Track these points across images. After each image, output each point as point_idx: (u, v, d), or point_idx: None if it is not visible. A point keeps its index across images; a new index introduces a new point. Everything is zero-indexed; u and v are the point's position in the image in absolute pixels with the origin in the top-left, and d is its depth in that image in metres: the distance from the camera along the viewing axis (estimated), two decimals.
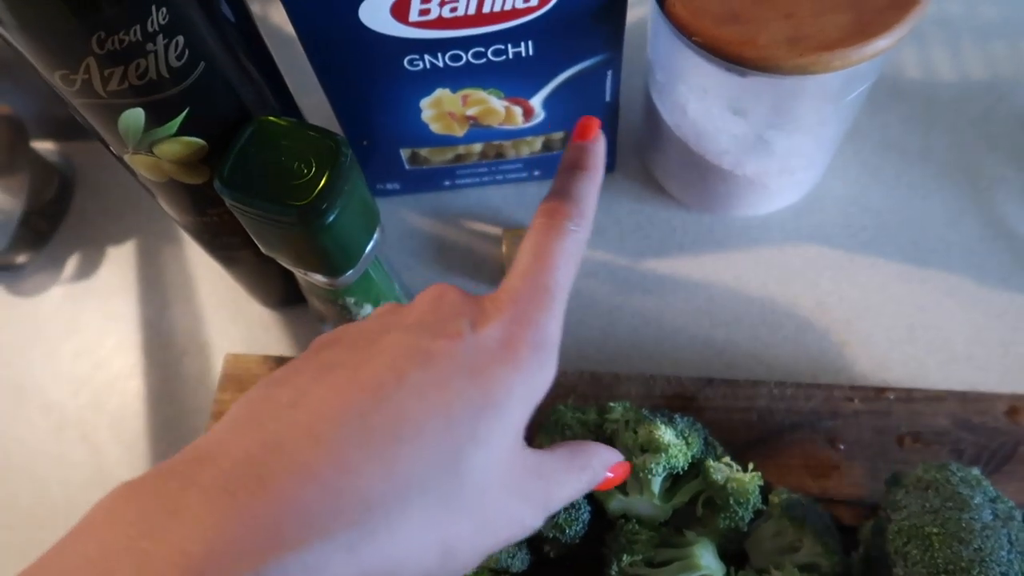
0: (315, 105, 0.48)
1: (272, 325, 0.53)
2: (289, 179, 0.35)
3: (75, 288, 0.56)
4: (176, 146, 0.36)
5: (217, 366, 0.52)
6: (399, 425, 0.22)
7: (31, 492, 0.50)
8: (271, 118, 0.36)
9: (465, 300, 0.26)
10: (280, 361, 0.49)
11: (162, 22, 0.30)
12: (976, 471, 0.40)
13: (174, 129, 0.35)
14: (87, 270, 0.56)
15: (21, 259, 0.57)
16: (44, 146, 0.61)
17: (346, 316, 0.46)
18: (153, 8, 0.30)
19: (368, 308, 0.45)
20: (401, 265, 0.54)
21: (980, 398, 0.45)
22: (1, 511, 0.49)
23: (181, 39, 0.32)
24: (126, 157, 0.37)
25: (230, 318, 0.54)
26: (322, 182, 0.35)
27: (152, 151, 0.36)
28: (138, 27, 0.30)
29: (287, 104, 0.42)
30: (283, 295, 0.52)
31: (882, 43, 0.37)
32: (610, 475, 0.32)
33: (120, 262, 0.56)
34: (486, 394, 0.23)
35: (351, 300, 0.44)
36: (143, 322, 0.54)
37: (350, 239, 0.39)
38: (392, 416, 0.22)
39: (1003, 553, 0.36)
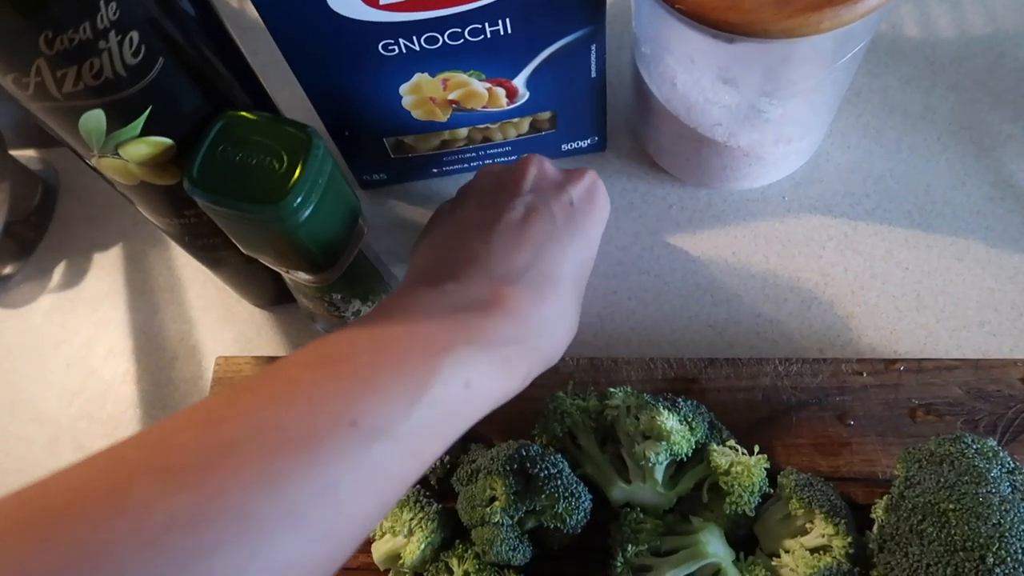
0: (294, 99, 0.46)
1: (263, 325, 0.52)
2: (261, 175, 0.34)
3: (63, 297, 0.55)
4: (143, 147, 0.34)
5: (209, 369, 0.51)
6: (559, 255, 0.37)
7: None
8: (239, 112, 0.35)
9: (556, 170, 0.42)
10: (271, 360, 0.48)
11: (112, 18, 0.29)
12: (992, 442, 0.39)
13: (138, 129, 0.33)
14: (74, 278, 0.56)
15: (7, 270, 0.56)
16: (25, 154, 0.60)
17: (335, 313, 0.44)
18: (102, 3, 0.29)
19: (356, 304, 0.44)
20: (392, 257, 0.53)
21: (994, 365, 0.44)
22: None
23: (135, 35, 0.30)
24: (93, 161, 0.36)
25: (220, 320, 0.53)
26: (295, 176, 0.34)
27: (119, 153, 0.34)
28: (87, 24, 0.29)
29: (260, 99, 0.41)
30: (272, 294, 0.51)
31: (873, 0, 0.35)
32: None
33: (107, 268, 0.55)
34: (588, 243, 0.40)
35: (338, 296, 0.43)
36: (133, 328, 0.53)
37: (330, 234, 0.38)
38: (552, 256, 0.37)
39: (1023, 527, 0.35)
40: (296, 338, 0.52)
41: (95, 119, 0.32)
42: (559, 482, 0.38)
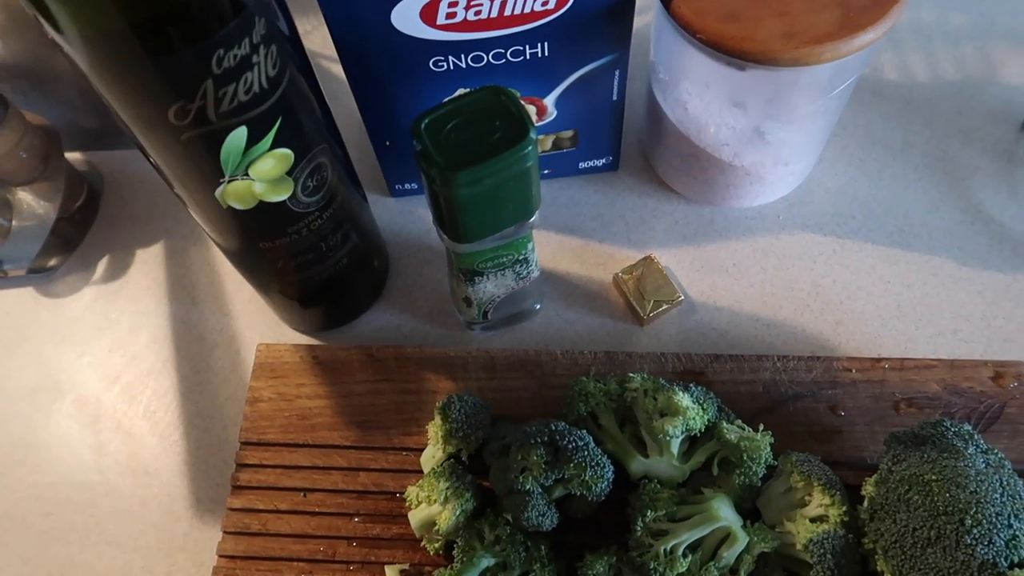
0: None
1: None
2: (492, 131, 0.38)
3: (106, 288, 0.58)
4: (270, 162, 0.37)
5: (248, 358, 0.54)
6: None
7: (68, 480, 0.51)
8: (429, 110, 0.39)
9: None
10: (311, 349, 0.52)
11: (263, 32, 0.32)
12: (968, 426, 0.43)
13: (268, 143, 0.36)
14: (117, 272, 0.59)
15: (52, 262, 0.59)
16: (73, 156, 0.63)
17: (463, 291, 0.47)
18: (256, 19, 0.32)
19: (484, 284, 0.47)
20: (415, 260, 0.57)
21: (967, 365, 0.49)
22: (41, 499, 0.51)
23: (275, 48, 0.34)
24: (218, 191, 0.37)
25: (258, 312, 0.56)
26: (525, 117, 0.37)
27: (248, 174, 0.37)
28: (247, 40, 0.32)
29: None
30: (324, 320, 0.55)
31: (867, 37, 0.41)
32: None
33: (149, 263, 0.59)
34: None
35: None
36: (173, 319, 0.57)
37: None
38: None
39: (996, 496, 0.39)
40: (330, 333, 0.55)
41: (238, 137, 0.35)
42: (586, 453, 0.42)
